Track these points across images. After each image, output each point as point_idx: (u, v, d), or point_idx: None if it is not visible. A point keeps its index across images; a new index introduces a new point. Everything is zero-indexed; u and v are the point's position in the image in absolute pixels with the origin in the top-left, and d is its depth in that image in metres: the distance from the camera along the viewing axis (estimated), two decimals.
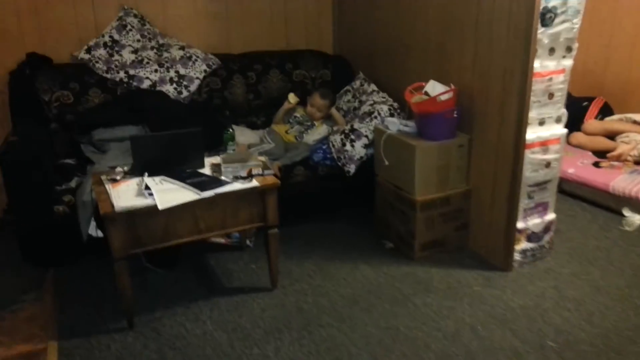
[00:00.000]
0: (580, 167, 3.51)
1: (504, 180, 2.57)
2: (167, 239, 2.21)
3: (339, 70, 3.78)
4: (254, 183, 2.28)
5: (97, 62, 3.17)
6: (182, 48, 3.37)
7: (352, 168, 3.05)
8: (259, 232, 2.64)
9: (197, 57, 3.36)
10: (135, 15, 3.34)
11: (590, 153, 3.71)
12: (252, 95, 3.56)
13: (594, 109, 3.90)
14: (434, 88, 2.70)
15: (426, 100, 2.64)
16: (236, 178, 2.29)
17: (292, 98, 3.36)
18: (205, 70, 3.35)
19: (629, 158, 3.52)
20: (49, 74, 3.08)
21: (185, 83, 3.27)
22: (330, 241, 3.03)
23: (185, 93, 3.28)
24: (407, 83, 2.95)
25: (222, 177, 2.31)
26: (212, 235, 2.34)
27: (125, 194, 2.15)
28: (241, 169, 2.34)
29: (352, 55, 3.84)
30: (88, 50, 3.19)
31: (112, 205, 2.06)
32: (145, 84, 3.20)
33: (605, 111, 3.92)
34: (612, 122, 3.80)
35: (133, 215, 2.08)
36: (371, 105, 3.17)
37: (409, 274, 2.67)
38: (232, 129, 2.90)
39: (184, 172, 2.32)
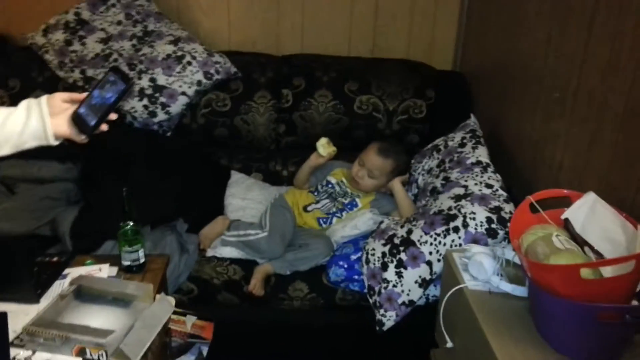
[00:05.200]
0: None
1: None
2: None
3: (447, 100, 2.18)
4: None
5: (47, 51, 2.10)
6: (174, 41, 2.10)
7: (389, 318, 1.53)
8: None
9: (194, 57, 2.07)
10: None
11: None
12: (282, 126, 2.18)
13: None
14: (591, 219, 1.06)
15: (561, 268, 1.00)
16: None
17: (322, 148, 1.86)
18: (199, 82, 2.05)
19: None
20: None
21: (163, 99, 2.02)
22: None
23: (161, 116, 2.04)
24: (545, 164, 1.37)
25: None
26: None
27: None
28: (61, 344, 1.04)
29: (475, 82, 2.23)
30: (45, 32, 2.13)
31: None
32: None
33: None
34: None
35: None
36: (458, 199, 1.57)
37: None
38: (134, 225, 1.35)
39: None
